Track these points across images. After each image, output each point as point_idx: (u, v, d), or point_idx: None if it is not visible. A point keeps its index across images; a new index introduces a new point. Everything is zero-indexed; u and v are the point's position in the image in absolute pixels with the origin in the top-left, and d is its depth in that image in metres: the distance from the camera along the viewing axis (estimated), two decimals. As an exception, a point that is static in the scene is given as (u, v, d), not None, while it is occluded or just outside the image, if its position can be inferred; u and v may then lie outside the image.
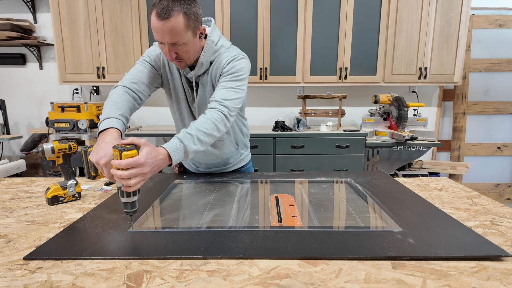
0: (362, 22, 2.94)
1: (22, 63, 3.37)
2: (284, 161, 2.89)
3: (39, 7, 3.29)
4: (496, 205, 1.12)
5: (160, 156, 0.92)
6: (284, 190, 1.28)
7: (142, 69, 1.24)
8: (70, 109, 2.81)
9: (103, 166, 0.88)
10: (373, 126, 3.11)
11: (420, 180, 1.46)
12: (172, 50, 1.11)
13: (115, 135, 0.98)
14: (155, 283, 0.66)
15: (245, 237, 0.85)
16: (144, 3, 2.91)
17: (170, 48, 1.11)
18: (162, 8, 1.02)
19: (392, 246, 0.79)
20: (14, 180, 1.48)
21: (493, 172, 3.54)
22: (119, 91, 1.17)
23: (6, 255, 0.78)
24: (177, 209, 1.11)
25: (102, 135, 0.98)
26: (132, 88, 1.20)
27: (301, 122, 2.94)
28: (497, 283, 0.66)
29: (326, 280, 0.67)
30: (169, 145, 0.98)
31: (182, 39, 1.09)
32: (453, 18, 2.92)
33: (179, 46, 1.11)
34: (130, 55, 2.99)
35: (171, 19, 1.04)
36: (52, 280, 0.67)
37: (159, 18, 1.03)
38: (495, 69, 3.34)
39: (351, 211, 1.07)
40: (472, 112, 3.42)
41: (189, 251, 0.78)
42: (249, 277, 0.68)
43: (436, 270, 0.71)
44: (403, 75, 3.02)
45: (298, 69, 3.01)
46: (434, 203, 1.15)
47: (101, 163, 0.88)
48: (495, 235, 0.88)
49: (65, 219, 1.01)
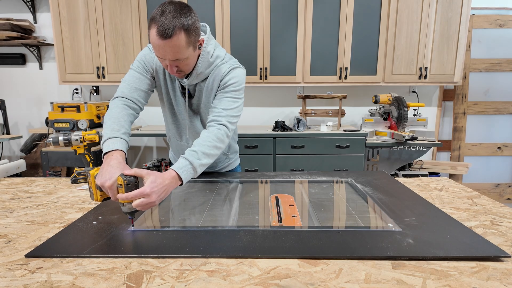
0: (362, 22, 2.94)
1: (22, 63, 3.37)
2: (284, 161, 2.88)
3: (39, 7, 3.29)
4: (496, 205, 1.12)
5: (166, 181, 0.95)
6: (284, 190, 1.28)
7: (138, 76, 1.23)
8: (70, 109, 2.81)
9: (108, 188, 0.91)
10: (373, 126, 3.11)
11: (420, 180, 1.46)
12: (173, 65, 1.11)
13: (119, 158, 0.99)
14: (155, 283, 0.66)
15: (245, 237, 0.85)
16: (144, 3, 2.90)
17: (171, 63, 1.10)
18: (164, 28, 1.00)
19: (392, 246, 0.79)
20: (14, 180, 1.48)
21: (493, 172, 3.54)
22: (119, 105, 1.17)
23: (6, 255, 0.78)
24: (177, 209, 1.11)
25: (108, 158, 0.99)
26: (132, 99, 1.20)
27: (301, 122, 2.94)
28: (497, 283, 0.66)
29: (326, 280, 0.67)
30: (176, 166, 1.01)
31: (184, 55, 1.08)
32: (453, 18, 2.92)
33: (179, 61, 1.10)
34: (130, 55, 2.99)
35: (173, 38, 1.01)
36: (52, 280, 0.67)
37: (161, 37, 1.01)
38: (495, 69, 3.34)
39: (351, 211, 1.06)
40: (472, 112, 3.42)
41: (189, 250, 0.78)
42: (249, 277, 0.68)
43: (436, 270, 0.70)
44: (403, 75, 3.02)
45: (298, 69, 3.01)
46: (435, 203, 1.15)
47: (106, 186, 0.91)
48: (495, 235, 0.88)
49: (65, 219, 1.01)
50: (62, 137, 1.34)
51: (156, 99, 3.42)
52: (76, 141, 1.35)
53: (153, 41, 1.03)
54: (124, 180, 0.88)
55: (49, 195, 1.24)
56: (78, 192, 1.28)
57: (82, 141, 1.36)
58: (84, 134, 1.37)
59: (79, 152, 1.37)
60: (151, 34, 1.03)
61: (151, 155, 3.59)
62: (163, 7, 1.02)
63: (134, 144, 3.57)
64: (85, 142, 1.36)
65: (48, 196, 1.23)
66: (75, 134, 1.37)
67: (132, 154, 3.59)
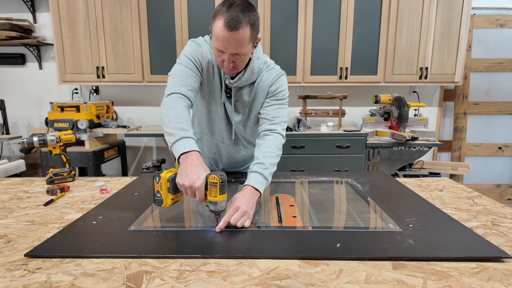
0: (362, 22, 2.93)
1: (22, 63, 3.37)
2: (284, 161, 2.88)
3: (39, 7, 3.29)
4: (497, 206, 1.12)
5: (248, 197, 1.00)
6: (285, 191, 1.27)
7: (191, 73, 1.18)
8: (69, 109, 2.80)
9: (196, 189, 0.89)
10: (374, 126, 3.11)
11: (421, 181, 1.46)
12: (231, 60, 1.10)
13: (200, 159, 0.97)
14: (154, 283, 0.66)
15: (245, 237, 0.85)
16: (144, 3, 2.90)
17: (230, 57, 1.09)
18: (232, 19, 1.01)
19: (393, 247, 0.79)
20: (13, 180, 1.48)
21: (494, 173, 3.53)
22: (180, 103, 1.11)
23: (5, 255, 0.78)
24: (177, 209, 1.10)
25: (189, 159, 0.95)
26: (189, 96, 1.15)
27: (301, 122, 2.93)
28: (498, 284, 0.66)
29: (326, 280, 0.67)
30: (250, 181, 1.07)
31: (244, 50, 1.08)
32: (454, 18, 2.92)
33: (238, 56, 1.10)
34: (130, 55, 2.98)
35: (240, 30, 1.02)
36: (51, 280, 0.67)
37: (227, 28, 1.01)
38: (496, 69, 3.34)
39: (351, 211, 1.06)
40: (473, 112, 3.42)
41: (189, 250, 0.78)
42: (249, 278, 0.68)
43: (437, 271, 0.70)
44: (403, 75, 3.01)
45: (299, 69, 3.01)
46: (435, 203, 1.15)
47: (195, 186, 0.89)
48: (496, 236, 0.88)
49: (65, 219, 1.00)
50: (37, 137, 1.32)
51: (156, 99, 3.42)
52: (52, 141, 1.33)
53: (218, 33, 1.03)
54: (219, 178, 0.88)
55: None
56: (78, 192, 1.28)
57: (59, 141, 1.35)
58: (60, 134, 1.35)
59: (54, 153, 1.35)
60: (217, 26, 1.03)
61: (151, 155, 3.59)
62: (230, 1, 1.04)
63: (134, 144, 3.57)
64: (61, 142, 1.35)
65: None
66: (50, 134, 1.35)
67: (131, 154, 3.59)
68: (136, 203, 1.12)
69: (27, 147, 1.30)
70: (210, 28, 1.10)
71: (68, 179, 1.41)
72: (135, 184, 1.35)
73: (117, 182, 1.43)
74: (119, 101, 3.45)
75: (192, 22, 2.92)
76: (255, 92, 1.28)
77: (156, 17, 2.93)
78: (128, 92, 3.42)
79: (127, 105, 3.46)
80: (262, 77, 1.27)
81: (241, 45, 1.06)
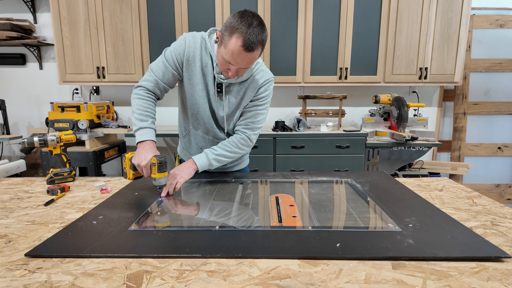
0: (362, 22, 2.93)
1: (22, 63, 3.37)
2: (284, 161, 2.88)
3: (39, 7, 3.29)
4: (497, 206, 1.12)
5: (183, 166, 1.28)
6: (284, 190, 1.27)
7: (164, 70, 1.28)
8: (70, 109, 2.80)
9: (143, 167, 1.16)
10: (374, 126, 3.11)
11: (420, 181, 1.46)
12: (237, 70, 1.18)
13: (151, 144, 1.22)
14: (155, 283, 0.66)
15: (245, 237, 0.85)
16: (144, 3, 2.90)
17: (237, 69, 1.17)
18: (251, 42, 1.07)
19: (392, 247, 0.79)
20: (14, 180, 1.48)
21: (493, 173, 3.53)
22: (144, 95, 1.29)
23: (6, 255, 0.78)
24: (177, 208, 1.11)
25: (142, 144, 1.22)
26: (154, 91, 1.31)
27: (301, 122, 2.93)
28: (497, 284, 0.66)
29: (326, 280, 0.67)
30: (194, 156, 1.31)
31: (253, 65, 1.21)
32: (453, 18, 2.92)
33: (244, 68, 1.18)
34: (130, 55, 2.99)
35: (254, 51, 1.11)
36: (52, 280, 0.67)
37: (245, 50, 1.09)
38: (495, 69, 3.34)
39: (351, 211, 1.06)
40: (472, 112, 3.42)
41: (189, 250, 0.78)
42: (249, 277, 0.68)
43: (437, 271, 0.70)
44: (403, 75, 3.02)
45: (298, 69, 3.01)
46: (435, 203, 1.15)
47: (141, 165, 1.16)
48: (496, 236, 0.88)
49: (65, 219, 1.01)
50: (37, 137, 1.32)
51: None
52: (53, 141, 1.34)
53: (233, 49, 1.09)
54: (157, 160, 1.13)
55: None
56: (78, 192, 1.28)
57: (59, 141, 1.36)
58: (60, 134, 1.36)
59: (55, 153, 1.36)
60: (234, 43, 1.08)
61: (151, 155, 3.59)
62: (248, 20, 1.08)
63: (134, 144, 3.56)
64: (62, 142, 1.36)
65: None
66: (51, 134, 1.35)
67: (132, 154, 3.59)
68: (137, 203, 1.12)
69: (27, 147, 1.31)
70: (220, 36, 1.14)
71: (69, 179, 1.41)
72: (135, 184, 1.35)
73: (118, 182, 1.44)
74: (119, 101, 3.45)
75: (192, 22, 2.92)
76: (245, 89, 1.32)
77: (156, 17, 2.93)
78: (128, 92, 3.43)
79: (127, 105, 3.46)
80: (254, 77, 1.31)
81: (252, 62, 1.16)
